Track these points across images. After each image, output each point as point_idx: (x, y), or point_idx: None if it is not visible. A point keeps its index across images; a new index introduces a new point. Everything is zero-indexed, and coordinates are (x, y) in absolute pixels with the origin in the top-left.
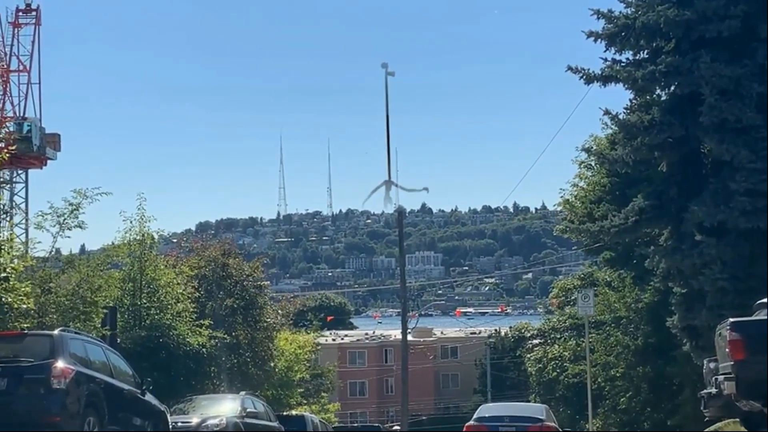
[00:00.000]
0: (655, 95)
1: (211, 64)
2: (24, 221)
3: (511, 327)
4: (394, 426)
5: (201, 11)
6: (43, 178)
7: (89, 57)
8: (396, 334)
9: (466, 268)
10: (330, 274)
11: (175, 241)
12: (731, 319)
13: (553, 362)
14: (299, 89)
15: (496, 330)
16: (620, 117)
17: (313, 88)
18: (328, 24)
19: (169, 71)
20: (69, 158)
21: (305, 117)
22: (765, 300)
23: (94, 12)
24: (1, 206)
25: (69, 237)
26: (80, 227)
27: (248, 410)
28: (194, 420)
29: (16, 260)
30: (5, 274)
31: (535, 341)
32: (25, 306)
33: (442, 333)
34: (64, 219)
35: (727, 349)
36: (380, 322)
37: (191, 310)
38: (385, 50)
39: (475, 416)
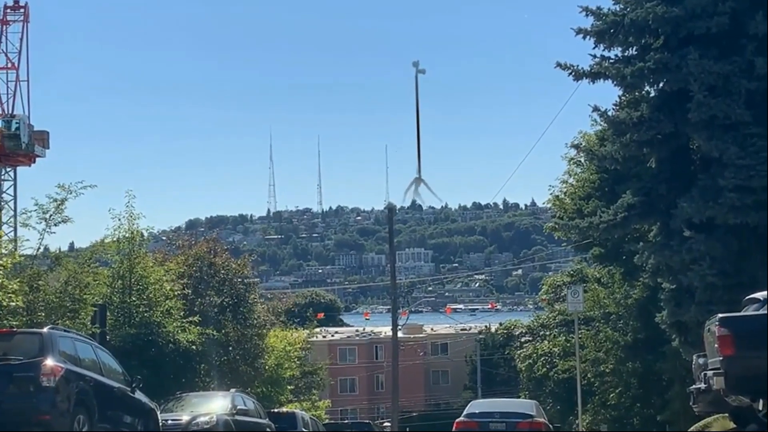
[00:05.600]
0: (643, 92)
1: (201, 62)
2: (12, 218)
3: (501, 323)
4: (384, 422)
5: (190, 9)
6: (31, 175)
7: (78, 54)
8: (386, 330)
9: (456, 264)
10: (320, 271)
11: (164, 238)
12: (720, 315)
13: (542, 358)
14: (289, 86)
15: (486, 326)
16: (609, 113)
17: (302, 85)
18: (318, 21)
19: (158, 68)
20: (58, 156)
21: (295, 114)
22: (754, 295)
23: (82, 9)
24: None
25: (54, 233)
26: (64, 222)
27: (239, 407)
28: (184, 418)
29: (4, 257)
30: None
31: (524, 339)
32: (13, 304)
33: (432, 330)
34: (50, 215)
35: (715, 345)
36: (368, 319)
37: (180, 307)
38: (375, 47)
39: (465, 412)
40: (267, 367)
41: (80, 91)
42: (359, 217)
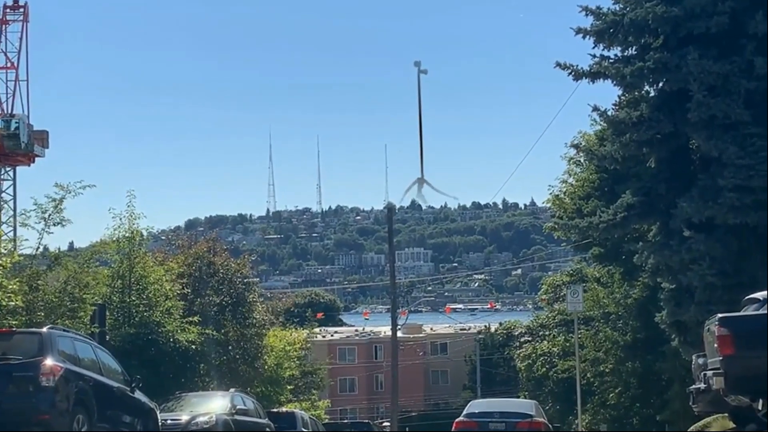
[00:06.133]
0: (643, 92)
1: (201, 62)
2: (11, 218)
3: (501, 323)
4: (384, 422)
5: (190, 9)
6: (31, 175)
7: (77, 54)
8: (386, 330)
9: (456, 264)
10: (319, 270)
11: (164, 238)
12: (719, 315)
13: (542, 358)
14: (288, 86)
15: (485, 326)
16: (609, 113)
17: (302, 85)
18: (317, 21)
19: (158, 68)
20: (57, 155)
21: (294, 114)
22: (753, 295)
23: (82, 8)
24: None
25: (53, 233)
26: (62, 223)
27: (238, 407)
28: (184, 417)
29: (3, 257)
30: None
31: (523, 339)
32: (13, 303)
33: (431, 329)
34: (49, 215)
35: (715, 345)
36: (367, 319)
37: (180, 307)
38: (375, 47)
39: (464, 412)
40: (266, 367)
41: (80, 90)
42: (359, 217)
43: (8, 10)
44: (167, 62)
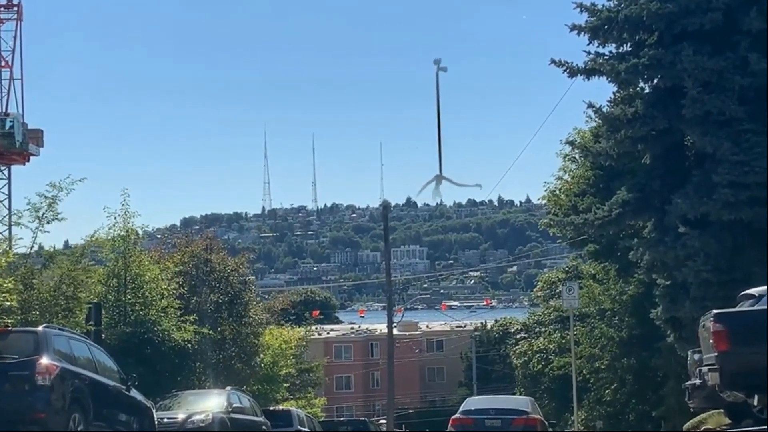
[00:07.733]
0: (638, 88)
1: (195, 60)
2: (6, 217)
3: (496, 320)
4: (380, 420)
5: (184, 7)
6: (25, 174)
7: (72, 52)
8: (382, 328)
9: (452, 261)
10: (315, 268)
11: (159, 236)
12: (714, 311)
13: (538, 355)
14: (283, 84)
15: (481, 323)
16: (604, 110)
17: (297, 83)
18: (313, 18)
19: (153, 67)
20: (52, 154)
21: (290, 112)
22: (748, 291)
23: (76, 7)
24: None
25: (48, 231)
26: (58, 219)
27: (234, 405)
28: (180, 416)
29: None
30: None
31: (519, 336)
32: (8, 303)
33: (427, 327)
34: (43, 213)
35: (710, 341)
36: (363, 317)
37: (176, 306)
38: (370, 45)
39: (461, 409)
40: (263, 365)
41: (75, 89)
42: (354, 215)
43: (2, 9)
44: (162, 61)
